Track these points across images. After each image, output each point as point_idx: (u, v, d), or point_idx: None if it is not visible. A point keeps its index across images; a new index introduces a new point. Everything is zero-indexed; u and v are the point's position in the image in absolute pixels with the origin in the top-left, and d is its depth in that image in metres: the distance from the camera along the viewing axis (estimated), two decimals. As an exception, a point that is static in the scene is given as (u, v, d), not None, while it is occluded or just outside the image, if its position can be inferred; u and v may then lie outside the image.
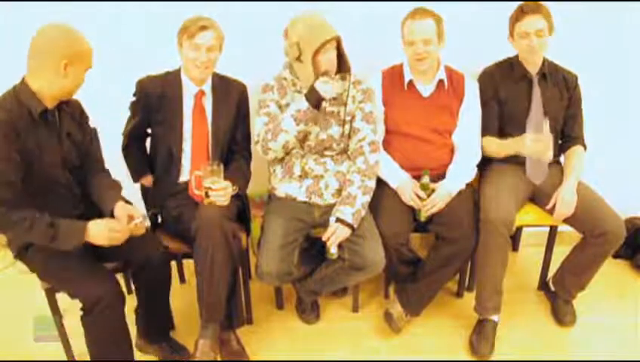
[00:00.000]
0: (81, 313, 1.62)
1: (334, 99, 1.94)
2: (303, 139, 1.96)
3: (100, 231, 1.55)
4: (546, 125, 1.91)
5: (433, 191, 1.99)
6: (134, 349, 1.76)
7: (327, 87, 1.81)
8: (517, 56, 2.10)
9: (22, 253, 1.68)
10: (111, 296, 1.60)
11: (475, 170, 2.11)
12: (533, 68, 2.07)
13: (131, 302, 1.92)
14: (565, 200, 1.97)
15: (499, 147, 2.08)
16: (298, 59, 1.83)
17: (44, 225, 1.49)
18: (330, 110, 1.96)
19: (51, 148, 1.59)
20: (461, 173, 2.06)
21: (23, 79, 1.55)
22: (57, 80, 1.52)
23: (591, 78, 2.20)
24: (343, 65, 1.91)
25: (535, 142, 1.91)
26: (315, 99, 1.83)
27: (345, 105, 1.97)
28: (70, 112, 1.68)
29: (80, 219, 1.59)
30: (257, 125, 1.94)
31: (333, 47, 1.84)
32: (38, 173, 1.56)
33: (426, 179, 1.98)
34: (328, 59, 1.83)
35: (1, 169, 1.46)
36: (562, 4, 2.19)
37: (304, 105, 1.83)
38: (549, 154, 1.95)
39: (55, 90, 1.55)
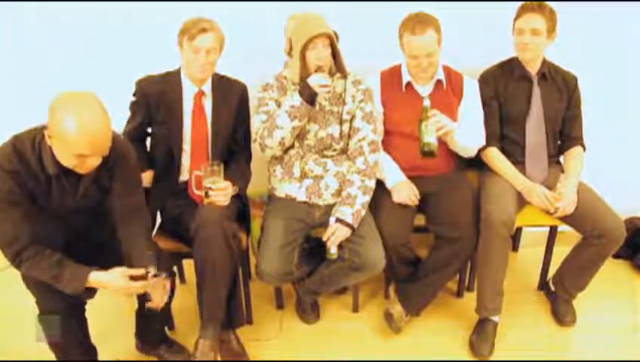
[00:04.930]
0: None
1: (331, 96, 1.94)
2: (301, 137, 1.96)
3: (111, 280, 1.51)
4: (561, 181, 1.95)
5: (434, 115, 1.86)
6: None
7: (320, 82, 1.80)
8: (517, 57, 2.10)
9: None
10: (62, 312, 1.58)
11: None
12: (532, 68, 2.07)
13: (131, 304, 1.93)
14: (566, 197, 1.97)
15: (504, 168, 2.07)
16: (290, 54, 1.87)
17: (50, 261, 1.48)
18: (329, 109, 1.96)
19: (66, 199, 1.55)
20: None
21: None
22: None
23: (591, 79, 2.20)
24: (338, 65, 1.91)
25: (545, 198, 1.96)
26: (307, 95, 1.82)
27: (344, 104, 1.97)
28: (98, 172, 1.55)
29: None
30: (255, 123, 1.94)
31: (324, 44, 1.82)
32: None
33: (427, 102, 1.86)
34: (318, 56, 1.83)
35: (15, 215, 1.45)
36: (562, 5, 2.19)
37: (297, 100, 1.83)
38: (558, 208, 1.96)
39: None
